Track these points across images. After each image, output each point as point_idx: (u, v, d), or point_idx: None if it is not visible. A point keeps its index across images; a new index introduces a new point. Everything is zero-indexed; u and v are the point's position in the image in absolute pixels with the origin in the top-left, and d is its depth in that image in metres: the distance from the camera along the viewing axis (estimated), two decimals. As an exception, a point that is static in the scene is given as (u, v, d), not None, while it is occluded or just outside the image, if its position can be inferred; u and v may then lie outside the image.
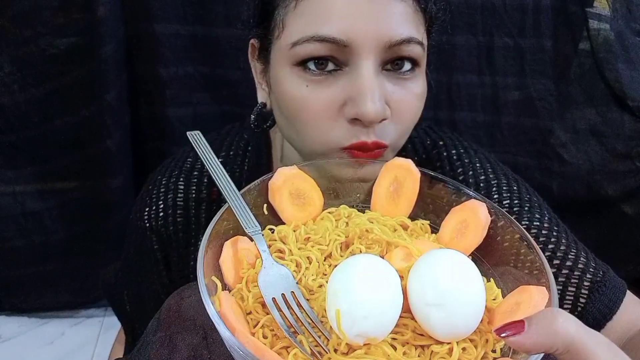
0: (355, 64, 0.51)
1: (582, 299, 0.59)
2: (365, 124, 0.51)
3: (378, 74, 0.51)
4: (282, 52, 0.53)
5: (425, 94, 0.58)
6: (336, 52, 0.51)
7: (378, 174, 0.52)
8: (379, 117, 0.51)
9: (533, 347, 0.33)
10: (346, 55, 0.51)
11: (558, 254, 0.61)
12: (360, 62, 0.50)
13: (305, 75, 0.52)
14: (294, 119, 0.55)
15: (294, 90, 0.53)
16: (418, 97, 0.56)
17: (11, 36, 0.73)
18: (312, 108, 0.53)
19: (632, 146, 0.87)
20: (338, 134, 0.53)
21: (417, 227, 0.51)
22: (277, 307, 0.40)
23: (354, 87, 0.51)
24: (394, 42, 0.50)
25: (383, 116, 0.51)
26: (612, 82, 0.84)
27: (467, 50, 0.88)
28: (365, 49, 0.50)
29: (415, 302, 0.38)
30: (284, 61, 0.53)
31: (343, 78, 0.52)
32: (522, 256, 0.45)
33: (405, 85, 0.54)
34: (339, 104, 0.52)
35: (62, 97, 0.79)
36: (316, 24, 0.50)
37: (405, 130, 0.56)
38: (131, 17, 0.85)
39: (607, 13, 0.82)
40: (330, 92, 0.52)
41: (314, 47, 0.50)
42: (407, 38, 0.51)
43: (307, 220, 0.50)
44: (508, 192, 0.66)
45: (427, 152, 0.71)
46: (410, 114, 0.55)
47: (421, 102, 0.57)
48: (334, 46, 0.50)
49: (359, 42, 0.50)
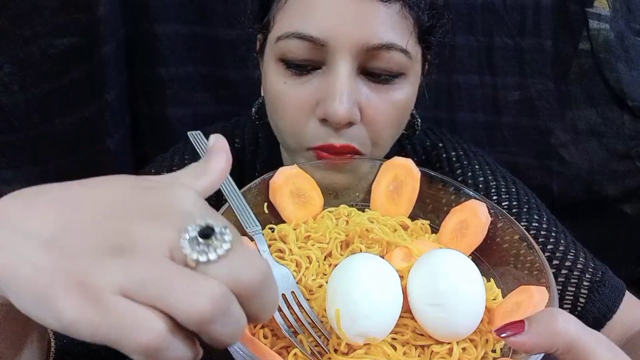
0: (331, 64, 0.51)
1: (581, 299, 0.60)
2: (333, 125, 0.51)
3: (353, 77, 0.51)
4: (270, 46, 0.55)
5: (411, 104, 0.57)
6: (314, 53, 0.51)
7: (347, 180, 0.53)
8: (345, 119, 0.51)
9: (533, 347, 0.33)
10: (323, 55, 0.51)
11: (557, 254, 0.61)
12: (335, 62, 0.51)
13: (286, 72, 0.53)
14: (273, 113, 0.57)
15: (274, 84, 0.54)
16: (396, 106, 0.55)
17: (11, 36, 0.73)
18: (287, 104, 0.54)
19: (632, 146, 0.87)
20: (309, 133, 0.54)
21: (417, 227, 0.51)
22: (277, 307, 0.40)
23: (326, 88, 0.51)
24: (371, 45, 0.50)
25: (350, 119, 0.51)
26: (612, 82, 0.84)
27: (467, 50, 0.88)
28: (341, 49, 0.50)
29: (415, 302, 0.38)
30: (271, 55, 0.55)
31: (319, 77, 0.52)
32: (522, 256, 0.45)
33: (384, 91, 0.53)
34: (313, 103, 0.53)
35: (62, 97, 0.79)
36: (299, 21, 0.51)
37: (380, 138, 0.55)
38: (131, 17, 0.85)
39: (607, 13, 0.82)
40: (305, 90, 0.53)
41: (294, 44, 0.51)
42: (387, 44, 0.51)
43: (308, 218, 0.50)
44: (507, 193, 0.66)
45: (426, 154, 0.71)
46: (385, 123, 0.55)
47: (401, 112, 0.56)
48: (312, 45, 0.51)
49: (336, 43, 0.50)
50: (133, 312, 0.23)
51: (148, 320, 0.23)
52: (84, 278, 0.23)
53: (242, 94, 0.91)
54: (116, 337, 0.23)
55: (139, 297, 0.23)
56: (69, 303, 0.23)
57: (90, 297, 0.23)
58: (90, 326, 0.23)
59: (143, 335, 0.22)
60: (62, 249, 0.24)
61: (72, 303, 0.23)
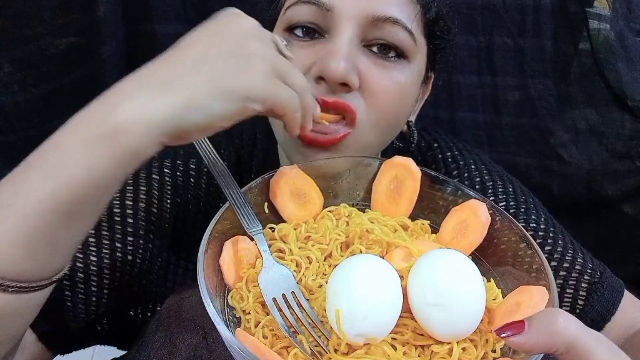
0: (334, 30, 0.51)
1: (580, 300, 0.60)
2: (328, 82, 0.50)
3: (355, 45, 0.51)
4: (280, 20, 0.56)
5: (412, 92, 0.57)
6: (320, 18, 0.52)
7: (338, 168, 0.52)
8: (340, 75, 0.49)
9: (533, 348, 0.33)
10: (328, 21, 0.51)
11: (555, 255, 0.61)
12: (339, 27, 0.51)
13: (291, 40, 0.54)
14: None
15: None
16: (397, 85, 0.53)
17: (11, 36, 0.73)
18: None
19: (632, 146, 0.87)
20: None
21: (417, 227, 0.51)
22: (277, 307, 0.40)
23: (325, 49, 0.51)
24: (377, 16, 0.51)
25: (346, 78, 0.49)
26: (612, 82, 0.84)
27: (467, 50, 0.88)
28: (346, 16, 0.51)
29: (415, 302, 0.38)
30: (279, 28, 0.55)
31: (321, 44, 0.52)
32: (522, 256, 0.45)
33: (385, 69, 0.53)
34: (309, 63, 0.52)
35: (62, 97, 0.79)
36: None
37: (380, 116, 0.53)
38: (131, 17, 0.85)
39: (607, 13, 0.82)
40: (304, 52, 0.52)
41: (301, 9, 0.52)
42: (393, 17, 0.51)
43: (308, 218, 0.50)
44: (504, 193, 0.66)
45: (422, 154, 0.71)
46: (386, 96, 0.53)
47: (400, 94, 0.54)
48: (319, 10, 0.51)
49: (342, 9, 0.50)
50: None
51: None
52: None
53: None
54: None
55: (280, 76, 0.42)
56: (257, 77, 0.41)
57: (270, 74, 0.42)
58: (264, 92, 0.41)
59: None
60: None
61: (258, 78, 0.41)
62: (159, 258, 0.61)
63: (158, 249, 0.60)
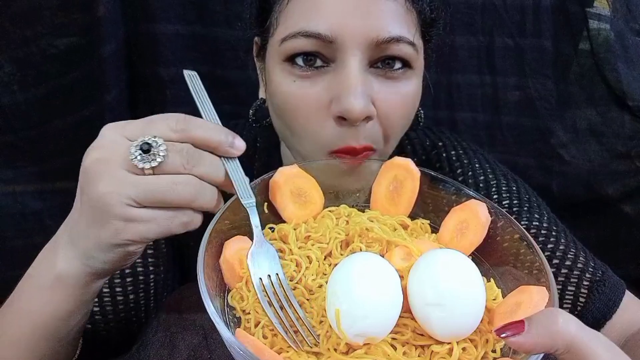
0: (341, 60, 0.51)
1: (581, 298, 0.60)
2: (351, 122, 0.51)
3: (364, 71, 0.51)
4: (274, 48, 0.54)
5: (418, 97, 0.57)
6: (323, 48, 0.51)
7: (372, 175, 0.53)
8: (362, 114, 0.50)
9: (533, 348, 0.33)
10: (333, 51, 0.51)
11: (557, 253, 0.61)
12: (346, 58, 0.50)
13: (293, 70, 0.52)
14: (284, 116, 0.55)
15: (282, 85, 0.53)
16: (406, 98, 0.54)
17: (11, 36, 0.73)
18: (299, 105, 0.53)
19: (632, 146, 0.87)
20: (326, 135, 0.53)
21: (417, 227, 0.51)
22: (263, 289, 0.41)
23: (339, 84, 0.50)
24: (381, 39, 0.50)
25: (367, 113, 0.50)
26: (612, 82, 0.84)
27: (467, 50, 0.88)
28: (351, 45, 0.50)
29: (415, 302, 0.38)
30: (275, 57, 0.54)
31: (329, 74, 0.52)
32: (522, 256, 0.45)
33: (393, 85, 0.53)
34: (326, 101, 0.52)
35: (62, 97, 0.79)
36: (304, 20, 0.51)
37: (392, 133, 0.55)
38: (131, 17, 0.85)
39: (607, 13, 0.82)
40: (317, 89, 0.52)
41: (301, 43, 0.51)
42: (397, 37, 0.51)
43: (308, 218, 0.50)
44: (507, 192, 0.66)
45: (426, 154, 0.71)
46: (397, 115, 0.54)
47: (410, 105, 0.56)
48: (320, 42, 0.50)
49: (345, 39, 0.50)
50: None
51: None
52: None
53: (242, 94, 0.91)
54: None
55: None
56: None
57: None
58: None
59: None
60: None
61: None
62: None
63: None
